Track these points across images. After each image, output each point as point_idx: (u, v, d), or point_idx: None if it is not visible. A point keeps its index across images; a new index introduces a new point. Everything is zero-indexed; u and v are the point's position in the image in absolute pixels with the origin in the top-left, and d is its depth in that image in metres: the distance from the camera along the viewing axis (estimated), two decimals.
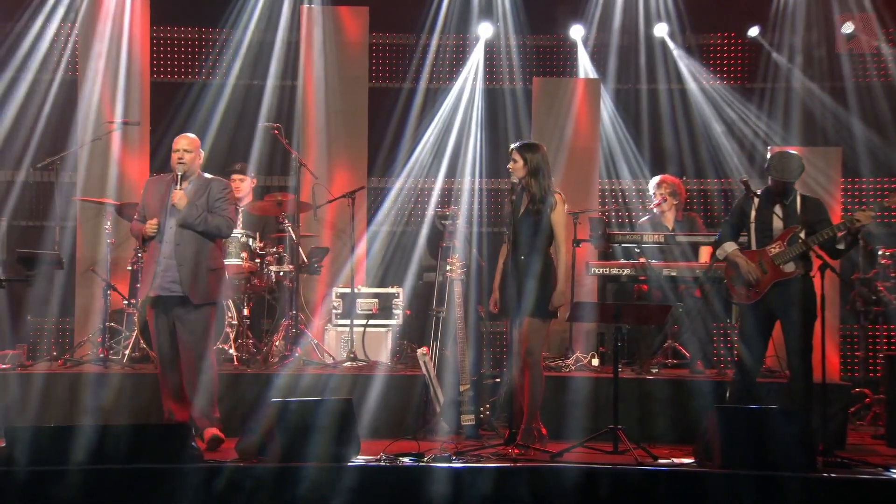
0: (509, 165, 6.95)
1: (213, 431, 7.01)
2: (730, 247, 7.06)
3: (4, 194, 9.97)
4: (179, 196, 7.00)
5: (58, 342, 9.06)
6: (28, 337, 9.47)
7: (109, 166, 9.50)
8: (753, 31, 10.56)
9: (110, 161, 9.51)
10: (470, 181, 10.33)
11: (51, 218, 9.55)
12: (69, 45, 10.09)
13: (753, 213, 7.05)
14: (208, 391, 7.03)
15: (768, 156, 7.23)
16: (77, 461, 5.74)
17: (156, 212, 7.09)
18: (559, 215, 6.84)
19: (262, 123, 9.49)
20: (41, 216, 10.05)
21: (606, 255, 8.96)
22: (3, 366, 8.15)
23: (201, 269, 7.01)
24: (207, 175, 7.29)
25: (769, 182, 7.04)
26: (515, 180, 6.88)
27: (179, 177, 7.06)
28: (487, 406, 7.56)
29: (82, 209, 9.52)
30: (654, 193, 8.95)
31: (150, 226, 7.04)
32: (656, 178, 9.02)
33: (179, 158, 7.08)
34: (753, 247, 7.04)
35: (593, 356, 8.75)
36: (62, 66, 10.03)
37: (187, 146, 7.13)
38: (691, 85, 10.63)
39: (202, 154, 7.30)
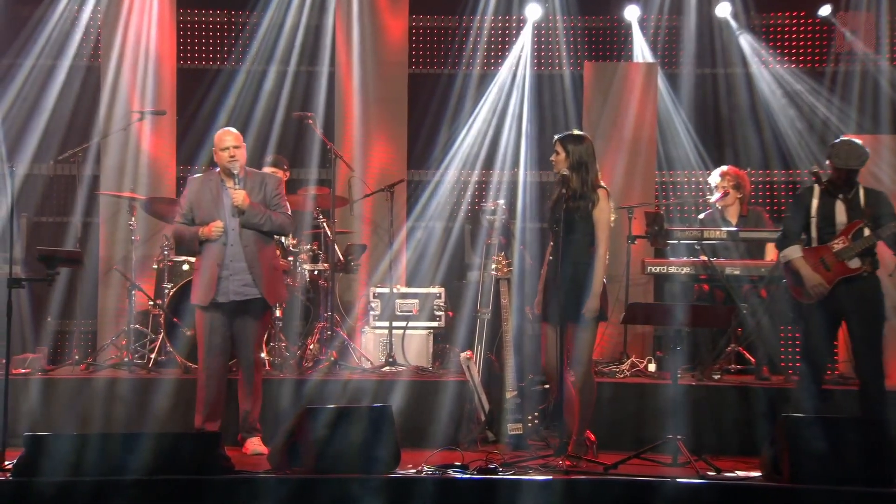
0: (552, 157, 6.94)
1: (256, 443, 7.15)
2: (793, 252, 7.00)
3: (24, 189, 10.08)
4: (243, 196, 7.05)
5: (80, 345, 9.13)
6: (49, 340, 9.58)
7: (134, 159, 9.58)
8: (825, 10, 10.43)
9: (135, 153, 9.60)
10: (517, 173, 10.30)
11: (72, 214, 9.66)
12: (86, 30, 10.14)
13: (815, 207, 6.99)
14: (258, 398, 7.25)
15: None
16: (100, 471, 5.80)
17: (210, 213, 7.14)
18: (601, 212, 6.79)
19: (294, 112, 9.51)
20: (62, 212, 10.16)
21: (664, 252, 8.91)
22: (23, 370, 8.25)
23: (271, 269, 7.16)
24: (252, 169, 7.37)
25: (831, 172, 6.97)
26: (565, 173, 6.84)
27: (235, 175, 7.10)
28: (536, 414, 7.54)
29: (105, 204, 9.62)
30: (716, 186, 8.88)
31: (216, 228, 7.07)
32: (719, 170, 8.95)
33: (231, 157, 7.11)
34: (815, 242, 7.00)
35: (650, 361, 8.71)
36: (84, 52, 10.12)
37: (236, 142, 7.16)
38: (756, 69, 10.52)
39: (245, 147, 7.34)
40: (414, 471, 6.29)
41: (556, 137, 6.98)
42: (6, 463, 6.14)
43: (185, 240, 7.31)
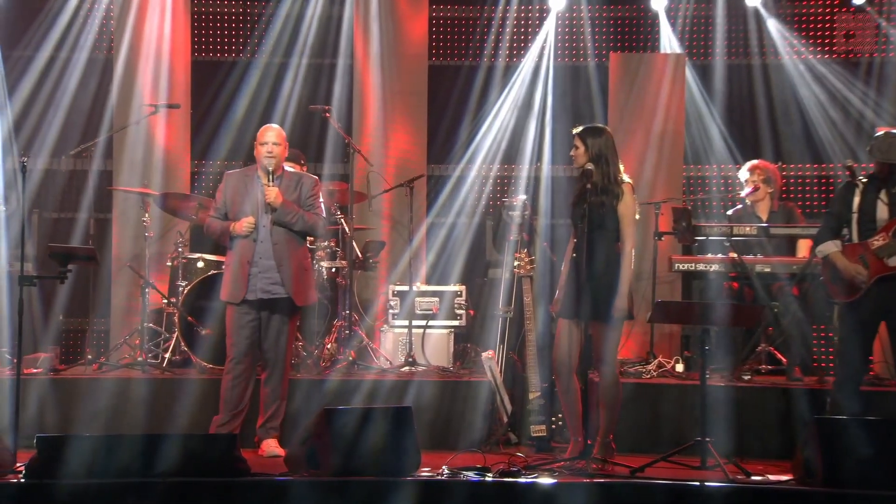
0: (571, 152, 6.93)
1: (273, 444, 7.17)
2: (830, 247, 6.96)
3: (35, 185, 10.12)
4: (275, 194, 7.11)
5: (93, 345, 9.18)
6: (61, 339, 9.64)
7: (148, 153, 9.60)
8: None
9: (149, 147, 9.61)
10: (540, 167, 10.27)
11: (85, 210, 9.70)
12: (99, 21, 10.16)
13: (857, 203, 6.94)
14: (283, 401, 7.29)
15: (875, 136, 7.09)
16: (113, 474, 5.82)
17: (243, 209, 7.20)
18: (626, 207, 6.77)
19: (311, 106, 9.52)
20: (75, 208, 10.19)
21: (692, 249, 8.89)
22: (35, 370, 8.28)
23: (301, 269, 7.20)
24: (290, 168, 7.45)
25: (872, 166, 6.92)
26: (588, 168, 6.81)
27: (271, 172, 7.13)
28: (560, 415, 7.52)
29: (119, 200, 9.65)
30: (745, 180, 8.84)
31: (248, 223, 7.15)
32: (749, 164, 8.91)
33: (269, 153, 7.18)
34: (855, 239, 6.95)
35: (677, 361, 8.68)
36: (96, 44, 10.15)
37: (276, 139, 7.23)
38: (787, 59, 10.45)
39: (287, 147, 7.40)
40: (434, 473, 6.28)
41: (574, 131, 6.97)
42: (18, 464, 6.16)
43: (217, 234, 7.37)
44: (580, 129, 6.94)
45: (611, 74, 10.17)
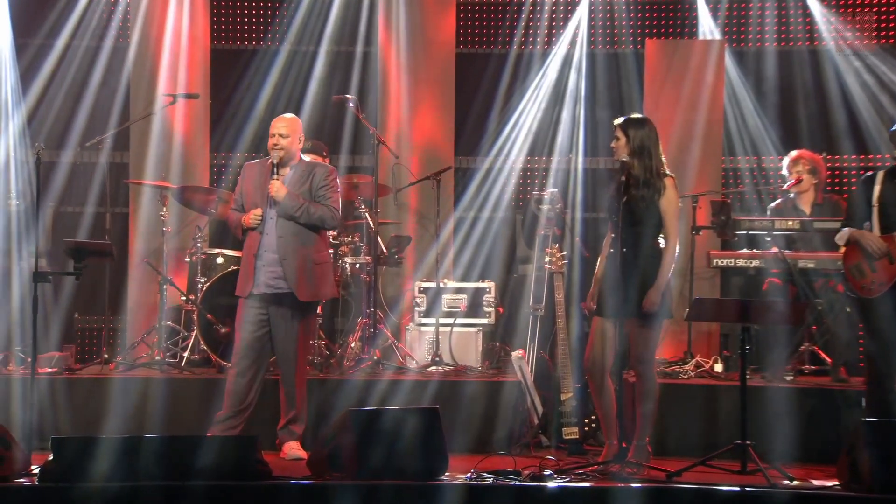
0: (612, 143, 6.92)
1: (294, 447, 7.16)
2: (851, 229, 6.98)
3: (49, 178, 10.17)
4: (277, 187, 7.13)
5: (109, 343, 9.22)
6: (76, 337, 9.70)
7: (166, 145, 9.64)
8: None
9: (167, 139, 9.65)
10: (572, 159, 10.25)
11: (100, 204, 9.74)
12: (115, 8, 10.20)
13: (877, 194, 6.92)
14: (303, 402, 7.24)
15: None
16: (130, 477, 5.85)
17: (255, 200, 7.25)
18: (669, 202, 6.76)
19: (334, 95, 9.52)
20: (90, 202, 10.22)
21: (731, 244, 8.85)
22: (49, 369, 8.33)
23: (307, 263, 7.16)
24: (308, 158, 7.43)
25: (889, 156, 6.91)
26: (626, 159, 6.79)
27: (276, 165, 7.15)
28: (593, 417, 7.50)
29: (135, 193, 9.69)
30: (788, 172, 8.79)
31: (255, 215, 7.18)
32: (792, 155, 8.85)
33: (275, 144, 7.20)
34: (876, 232, 6.95)
35: (716, 361, 8.66)
36: (113, 32, 10.19)
37: (284, 129, 7.23)
38: (831, 45, 10.38)
39: (302, 137, 7.38)
40: (463, 477, 6.28)
41: (616, 121, 6.95)
42: (32, 467, 6.20)
43: (233, 226, 7.44)
44: (622, 119, 6.92)
45: (646, 62, 10.13)
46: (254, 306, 7.18)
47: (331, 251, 8.67)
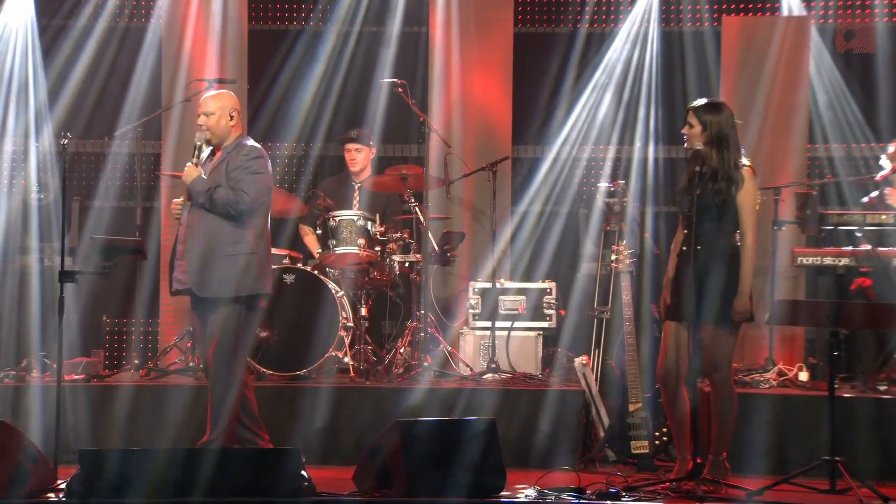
0: (684, 130, 6.86)
1: None
2: None
3: (76, 170, 10.29)
4: (188, 171, 6.96)
5: (140, 348, 9.31)
6: (105, 342, 9.79)
7: None
8: None
9: None
10: (642, 149, 10.21)
11: (131, 198, 9.82)
12: None
13: None
14: (218, 416, 6.85)
15: None
16: (163, 492, 5.90)
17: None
18: (747, 194, 6.71)
19: (382, 80, 9.55)
20: (120, 196, 10.33)
21: (818, 240, 8.79)
22: (77, 376, 8.43)
23: (213, 255, 6.89)
24: (248, 141, 7.13)
25: None
26: (700, 148, 6.76)
27: (197, 147, 7.02)
28: (665, 430, 7.48)
29: (167, 186, 9.76)
30: (884, 162, 8.71)
31: (174, 205, 7.10)
32: (892, 146, 8.77)
33: (200, 124, 7.03)
34: None
35: (801, 369, 8.63)
36: (144, 13, 10.29)
37: (207, 107, 7.01)
38: None
39: (235, 114, 7.04)
40: (522, 494, 6.30)
41: (689, 107, 6.90)
42: (59, 482, 6.28)
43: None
44: (696, 104, 6.88)
45: (723, 41, 10.08)
46: (192, 310, 7.07)
47: (375, 249, 8.70)
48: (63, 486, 6.13)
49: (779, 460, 7.36)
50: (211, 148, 7.07)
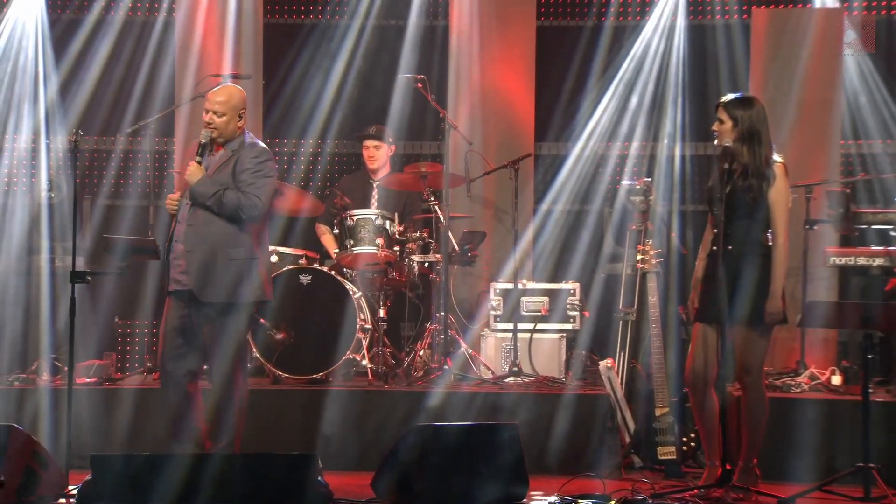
0: (714, 126, 6.86)
1: None
2: None
3: (88, 167, 10.31)
4: (192, 170, 6.90)
5: (152, 350, 9.34)
6: (116, 344, 9.81)
7: None
8: None
9: None
10: (668, 146, 10.19)
11: (143, 196, 9.85)
12: None
13: None
14: (232, 427, 6.89)
15: None
16: (177, 498, 5.91)
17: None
18: (778, 192, 6.71)
19: (401, 75, 9.55)
20: (132, 194, 10.36)
21: (851, 240, 8.76)
22: (88, 379, 8.45)
23: (217, 258, 6.87)
24: (252, 140, 7.10)
25: None
26: (730, 145, 6.74)
27: (202, 145, 6.95)
28: (693, 435, 7.47)
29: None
30: None
31: (171, 199, 7.06)
32: None
33: (209, 122, 6.95)
34: None
35: (834, 373, 8.60)
36: (156, 5, 10.31)
37: (217, 106, 6.94)
38: None
39: (243, 113, 7.03)
40: (545, 501, 6.29)
41: (719, 102, 6.90)
42: (70, 488, 6.30)
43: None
44: (726, 99, 6.87)
45: (753, 34, 10.05)
46: (175, 306, 6.99)
47: (394, 249, 8.71)
48: (74, 491, 6.15)
49: (811, 467, 7.32)
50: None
